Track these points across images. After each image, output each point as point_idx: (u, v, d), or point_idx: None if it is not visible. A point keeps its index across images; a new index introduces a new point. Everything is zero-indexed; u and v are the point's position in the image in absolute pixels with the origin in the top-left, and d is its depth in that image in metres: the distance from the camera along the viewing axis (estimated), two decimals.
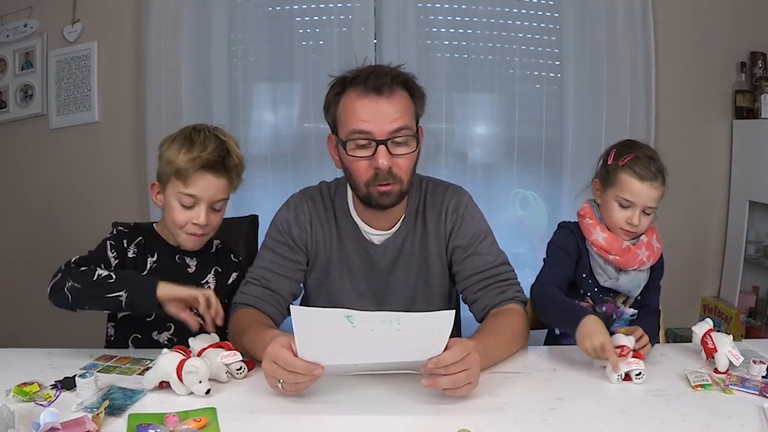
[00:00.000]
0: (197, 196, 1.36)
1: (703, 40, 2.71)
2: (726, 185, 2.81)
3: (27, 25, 2.71)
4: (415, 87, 1.33)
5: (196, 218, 1.37)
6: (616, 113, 2.59)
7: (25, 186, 2.81)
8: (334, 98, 1.32)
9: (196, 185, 1.35)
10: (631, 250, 1.43)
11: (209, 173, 1.35)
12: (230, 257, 1.54)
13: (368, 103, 1.26)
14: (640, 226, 1.42)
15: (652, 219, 1.46)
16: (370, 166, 1.28)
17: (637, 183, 1.39)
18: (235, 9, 2.64)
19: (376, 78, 1.26)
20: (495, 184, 2.72)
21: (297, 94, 2.69)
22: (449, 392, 1.06)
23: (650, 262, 1.48)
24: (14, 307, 2.79)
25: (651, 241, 1.47)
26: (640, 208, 1.41)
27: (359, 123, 1.26)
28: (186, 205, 1.37)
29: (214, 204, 1.39)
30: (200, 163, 1.34)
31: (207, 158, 1.35)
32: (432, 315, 1.01)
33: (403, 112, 1.28)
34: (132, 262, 1.43)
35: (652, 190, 1.40)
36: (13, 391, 1.08)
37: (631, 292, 1.48)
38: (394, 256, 1.42)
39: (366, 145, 1.27)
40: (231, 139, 1.43)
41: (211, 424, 0.99)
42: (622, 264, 1.44)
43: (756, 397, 1.09)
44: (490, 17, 2.64)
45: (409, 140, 1.29)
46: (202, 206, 1.37)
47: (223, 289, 1.48)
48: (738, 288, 2.73)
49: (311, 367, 1.04)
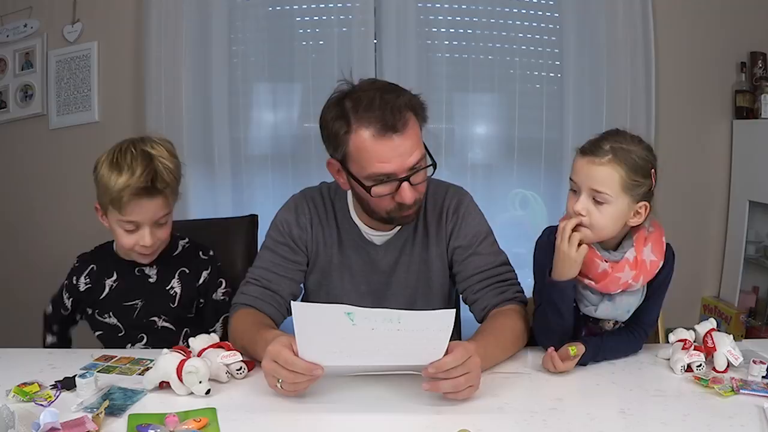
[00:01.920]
0: (137, 221, 1.35)
1: (703, 40, 2.70)
2: (726, 185, 2.80)
3: (27, 25, 2.71)
4: (419, 105, 1.28)
5: (142, 240, 1.37)
6: (616, 113, 2.59)
7: (24, 186, 2.81)
8: (343, 137, 1.23)
9: (133, 212, 1.34)
10: (608, 274, 1.20)
11: (143, 199, 1.33)
12: (199, 255, 1.52)
13: (386, 144, 1.20)
14: (589, 217, 1.18)
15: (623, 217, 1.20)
16: (393, 201, 1.27)
17: (578, 158, 1.21)
18: (235, 9, 2.64)
19: (392, 114, 1.19)
20: (495, 184, 2.71)
21: (297, 94, 2.68)
22: (450, 396, 1.06)
23: (640, 283, 1.24)
24: (14, 307, 2.78)
25: (640, 257, 1.22)
26: (585, 192, 1.18)
27: (380, 166, 1.22)
28: (129, 230, 1.37)
29: (158, 220, 1.38)
30: (131, 191, 1.31)
31: (136, 186, 1.31)
32: (433, 313, 1.01)
33: (417, 141, 1.25)
34: (86, 294, 1.47)
35: (593, 166, 1.17)
36: (13, 391, 1.08)
37: (619, 318, 1.28)
38: (395, 256, 1.42)
39: (387, 182, 1.24)
40: (162, 149, 1.38)
41: (211, 424, 0.99)
42: (601, 290, 1.23)
43: (756, 398, 1.09)
44: (490, 17, 2.64)
45: (425, 167, 1.28)
46: (145, 229, 1.36)
47: (193, 290, 1.48)
48: (738, 288, 2.73)
49: (311, 367, 1.03)
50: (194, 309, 1.51)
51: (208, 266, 1.51)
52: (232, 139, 2.66)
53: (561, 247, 1.19)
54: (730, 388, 1.11)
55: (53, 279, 1.55)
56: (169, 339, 1.44)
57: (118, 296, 1.46)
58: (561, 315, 1.24)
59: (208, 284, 1.50)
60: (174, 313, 1.46)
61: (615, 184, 1.16)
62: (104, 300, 1.46)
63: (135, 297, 1.45)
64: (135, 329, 1.46)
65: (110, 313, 1.46)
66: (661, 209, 1.33)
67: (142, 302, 1.45)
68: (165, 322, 1.46)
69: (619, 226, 1.21)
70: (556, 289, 1.23)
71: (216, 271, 1.52)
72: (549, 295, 1.24)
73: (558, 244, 1.20)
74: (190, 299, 1.48)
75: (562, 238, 1.19)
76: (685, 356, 1.20)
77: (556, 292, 1.23)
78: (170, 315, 1.46)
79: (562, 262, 1.20)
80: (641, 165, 1.18)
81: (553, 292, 1.23)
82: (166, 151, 1.38)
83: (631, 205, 1.19)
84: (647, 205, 1.22)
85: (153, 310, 1.46)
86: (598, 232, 1.20)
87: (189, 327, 1.47)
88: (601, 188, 1.17)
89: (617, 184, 1.16)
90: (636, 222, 1.23)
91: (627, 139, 1.20)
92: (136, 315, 1.45)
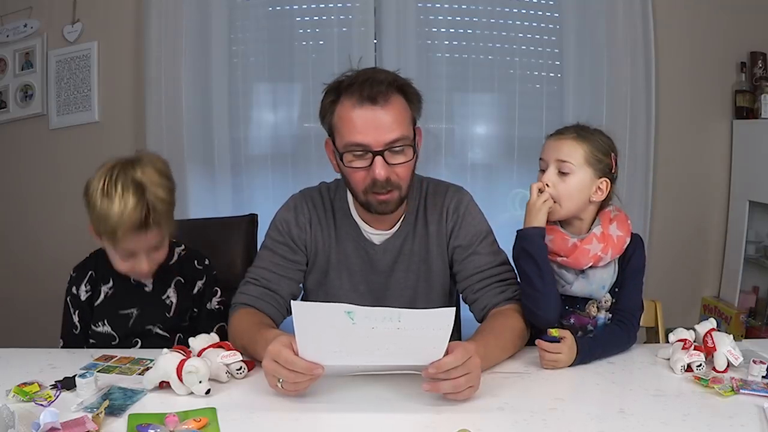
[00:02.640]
0: (132, 250, 1.34)
1: (702, 40, 2.70)
2: (726, 185, 2.80)
3: (27, 25, 2.71)
4: (411, 92, 1.32)
5: (138, 266, 1.36)
6: (616, 113, 2.59)
7: (25, 186, 2.81)
8: (329, 106, 1.30)
9: (127, 244, 1.32)
10: (578, 247, 1.32)
11: (137, 234, 1.30)
12: (194, 264, 1.51)
13: (363, 113, 1.24)
14: (555, 188, 1.31)
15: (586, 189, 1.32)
16: (368, 176, 1.28)
17: (546, 141, 1.37)
18: (235, 9, 2.64)
19: (371, 86, 1.24)
20: (495, 184, 2.71)
21: (297, 94, 2.68)
22: (450, 396, 1.06)
23: (610, 256, 1.33)
24: (14, 306, 2.79)
25: (607, 232, 1.33)
26: (552, 165, 1.32)
27: (355, 135, 1.25)
28: (124, 258, 1.36)
29: (153, 246, 1.36)
30: (124, 229, 1.28)
31: (128, 224, 1.28)
32: (433, 312, 1.00)
33: (400, 120, 1.27)
34: (86, 302, 1.46)
35: (558, 141, 1.33)
36: (13, 391, 1.08)
37: (594, 295, 1.35)
38: (394, 256, 1.42)
39: (362, 155, 1.27)
40: (153, 174, 1.33)
41: (211, 424, 0.99)
42: (572, 264, 1.33)
43: (756, 398, 1.09)
44: (490, 17, 2.64)
45: (406, 149, 1.28)
46: (141, 256, 1.35)
47: (188, 299, 1.48)
48: (738, 288, 2.72)
49: (312, 366, 1.03)
50: (188, 318, 1.50)
51: (203, 276, 1.50)
52: (232, 139, 2.66)
53: (530, 200, 1.32)
54: (730, 388, 1.11)
55: (53, 279, 1.55)
56: (162, 345, 1.42)
57: (113, 303, 1.45)
58: (537, 264, 1.29)
59: (203, 294, 1.49)
60: (169, 322, 1.46)
61: (578, 155, 1.31)
62: (99, 306, 1.45)
63: (130, 305, 1.44)
64: (129, 337, 1.44)
65: (104, 320, 1.44)
66: (662, 209, 1.35)
67: (137, 311, 1.44)
68: (160, 330, 1.45)
69: (582, 200, 1.34)
70: (528, 236, 1.31)
71: (211, 280, 1.51)
72: (521, 248, 1.32)
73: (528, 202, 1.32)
74: (185, 308, 1.48)
75: (531, 193, 1.32)
76: (685, 356, 1.21)
77: (527, 240, 1.31)
78: (165, 324, 1.45)
79: (529, 212, 1.32)
80: (602, 146, 1.33)
81: (524, 241, 1.32)
82: (158, 175, 1.34)
83: (593, 179, 1.32)
84: (608, 182, 1.34)
85: (149, 319, 1.45)
86: (565, 203, 1.32)
87: (182, 334, 1.45)
88: (566, 158, 1.31)
89: (580, 156, 1.31)
90: (598, 197, 1.34)
91: (590, 129, 1.36)
92: (132, 324, 1.44)
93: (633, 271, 1.37)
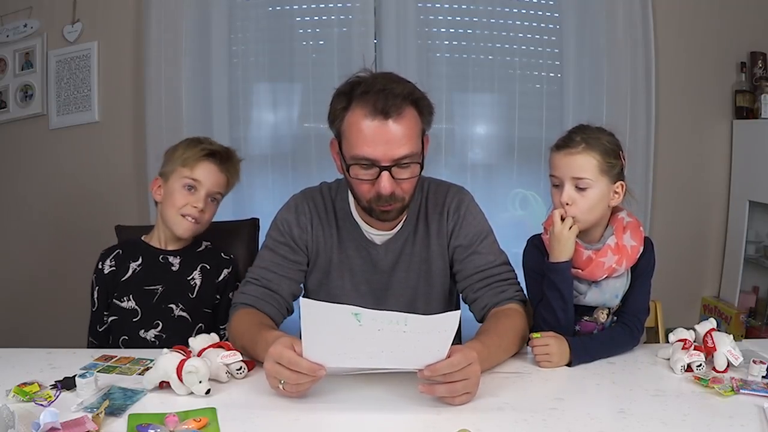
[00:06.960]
0: (199, 181, 1.50)
1: (702, 40, 2.70)
2: (726, 185, 2.80)
3: (27, 25, 2.71)
4: (424, 104, 1.29)
5: (196, 202, 1.50)
6: (616, 113, 2.58)
7: (25, 186, 2.81)
8: (340, 112, 1.26)
9: (201, 171, 1.50)
10: (593, 260, 1.30)
11: (213, 163, 1.52)
12: (220, 255, 1.61)
13: (374, 126, 1.21)
14: (576, 205, 1.29)
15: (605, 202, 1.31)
16: (373, 189, 1.27)
17: (554, 154, 1.33)
18: (235, 9, 2.64)
19: (386, 99, 1.20)
20: (495, 184, 2.71)
21: (297, 94, 2.68)
22: (446, 400, 1.06)
23: (624, 267, 1.32)
24: (14, 306, 2.78)
25: (621, 243, 1.31)
26: (568, 182, 1.29)
27: (364, 148, 1.23)
28: (188, 190, 1.50)
29: (213, 195, 1.53)
30: (206, 151, 1.51)
31: (212, 149, 1.53)
32: (439, 317, 1.00)
33: (410, 135, 1.24)
34: (110, 277, 1.52)
35: (569, 157, 1.29)
36: (13, 391, 1.08)
37: (608, 303, 1.35)
38: (396, 256, 1.42)
39: (369, 167, 1.25)
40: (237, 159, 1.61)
41: (211, 424, 0.99)
42: (587, 276, 1.31)
43: (756, 398, 1.09)
44: (490, 17, 2.64)
45: (413, 165, 1.27)
46: (202, 192, 1.51)
47: (212, 285, 1.55)
48: (738, 288, 2.72)
49: (314, 367, 1.03)
50: (211, 306, 1.55)
51: (230, 266, 1.60)
52: (232, 139, 2.65)
53: (555, 229, 1.30)
54: (730, 388, 1.11)
55: (53, 279, 1.55)
56: (183, 331, 1.48)
57: (140, 279, 1.52)
58: (563, 299, 1.30)
59: (227, 282, 1.57)
60: (192, 303, 1.52)
61: (593, 168, 1.28)
62: (126, 282, 1.52)
63: (156, 282, 1.51)
64: (152, 315, 1.50)
65: (130, 296, 1.51)
66: (662, 209, 1.35)
67: (162, 288, 1.51)
68: (182, 311, 1.51)
69: (603, 208, 1.32)
70: (557, 270, 1.30)
71: (236, 272, 1.59)
72: (550, 280, 1.31)
73: (552, 230, 1.30)
74: (208, 293, 1.54)
75: (555, 222, 1.30)
76: (685, 356, 1.21)
77: (556, 273, 1.30)
78: (188, 305, 1.52)
79: (557, 242, 1.30)
80: (611, 148, 1.31)
81: (554, 274, 1.30)
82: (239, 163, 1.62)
83: (609, 186, 1.31)
84: (623, 184, 1.33)
85: (172, 296, 1.51)
86: (586, 217, 1.31)
87: (204, 322, 1.52)
88: (582, 174, 1.28)
89: (595, 168, 1.29)
90: (616, 201, 1.34)
91: (594, 130, 1.33)
92: (156, 300, 1.50)
93: (641, 274, 1.36)
